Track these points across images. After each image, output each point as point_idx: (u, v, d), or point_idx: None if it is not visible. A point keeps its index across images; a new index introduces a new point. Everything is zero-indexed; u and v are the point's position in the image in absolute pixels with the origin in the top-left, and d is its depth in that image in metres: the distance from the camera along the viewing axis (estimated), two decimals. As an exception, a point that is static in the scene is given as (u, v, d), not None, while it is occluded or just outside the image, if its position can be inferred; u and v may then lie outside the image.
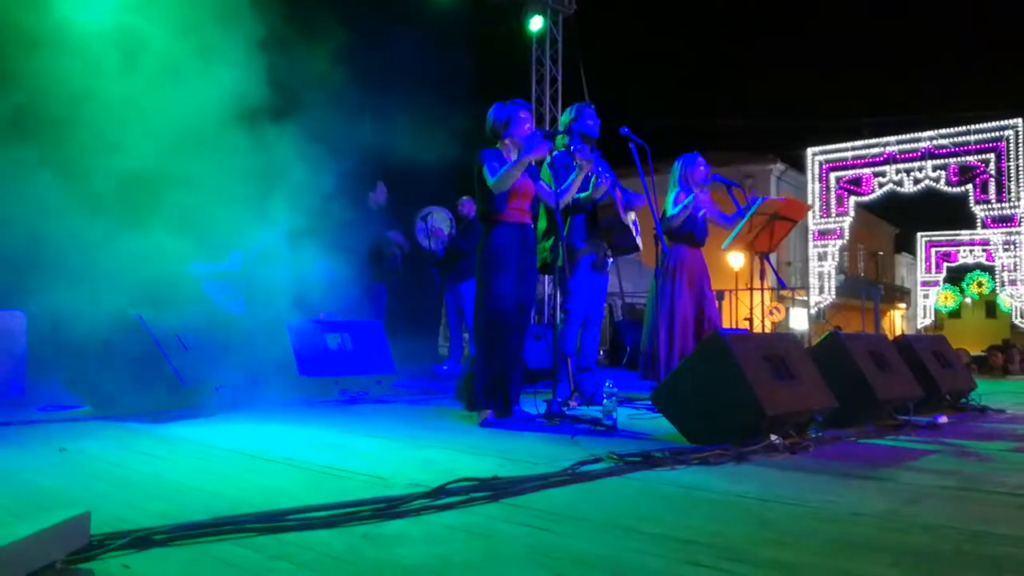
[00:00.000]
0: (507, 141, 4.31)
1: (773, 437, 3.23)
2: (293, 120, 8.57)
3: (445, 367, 7.49)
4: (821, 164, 19.86)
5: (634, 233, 5.02)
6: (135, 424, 3.95)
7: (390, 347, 5.98)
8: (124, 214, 7.49)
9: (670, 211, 5.25)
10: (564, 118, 5.12)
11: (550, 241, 4.83)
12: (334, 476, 2.64)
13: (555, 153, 4.66)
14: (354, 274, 7.38)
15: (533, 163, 4.20)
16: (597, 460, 2.83)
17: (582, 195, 4.85)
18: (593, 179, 4.81)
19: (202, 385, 4.64)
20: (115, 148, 5.57)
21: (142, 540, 1.78)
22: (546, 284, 10.36)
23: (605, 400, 3.97)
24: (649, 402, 4.11)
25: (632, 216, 5.08)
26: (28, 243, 6.86)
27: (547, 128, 11.41)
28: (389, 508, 2.11)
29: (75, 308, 6.04)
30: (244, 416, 4.36)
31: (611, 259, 5.25)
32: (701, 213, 5.31)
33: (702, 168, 5.35)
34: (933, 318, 22.03)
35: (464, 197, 7.33)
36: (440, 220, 7.51)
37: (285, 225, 6.44)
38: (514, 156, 4.28)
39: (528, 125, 4.34)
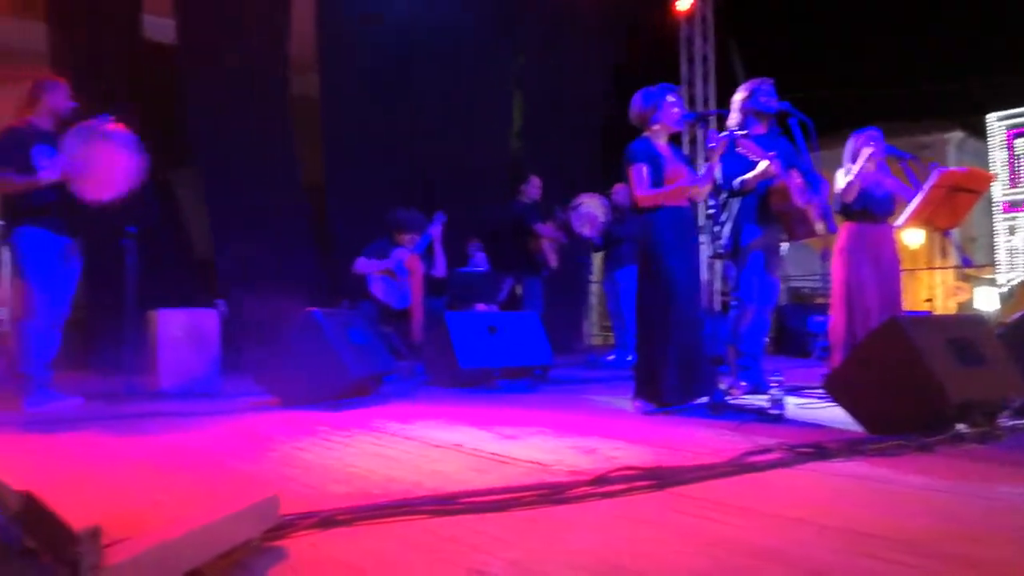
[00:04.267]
0: (656, 127, 4.23)
1: (959, 426, 3.00)
2: (445, 118, 8.86)
3: (612, 356, 7.48)
4: (1005, 129, 18.08)
5: (814, 217, 4.64)
6: (316, 412, 4.23)
7: (547, 337, 6.06)
8: (300, 221, 8.06)
9: (838, 190, 4.97)
10: (736, 97, 4.88)
11: (720, 226, 4.63)
12: (499, 462, 2.72)
13: (720, 135, 4.50)
14: (509, 267, 7.54)
15: (682, 152, 4.09)
16: (765, 450, 2.75)
17: (743, 179, 4.63)
18: (764, 164, 4.46)
19: (372, 375, 4.90)
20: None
21: (327, 520, 1.91)
22: (706, 269, 10.10)
23: (772, 389, 3.83)
24: (820, 391, 3.93)
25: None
26: (218, 250, 7.53)
27: (700, 109, 11.09)
28: (554, 494, 2.14)
29: (260, 307, 6.56)
30: (412, 403, 4.57)
31: (786, 244, 4.97)
32: (870, 186, 4.98)
33: (874, 143, 5.01)
34: None
35: (618, 184, 7.28)
36: (593, 207, 7.49)
37: (442, 222, 6.69)
38: (662, 140, 4.21)
39: (676, 109, 4.24)
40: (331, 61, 8.31)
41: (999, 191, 18.08)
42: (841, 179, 5.02)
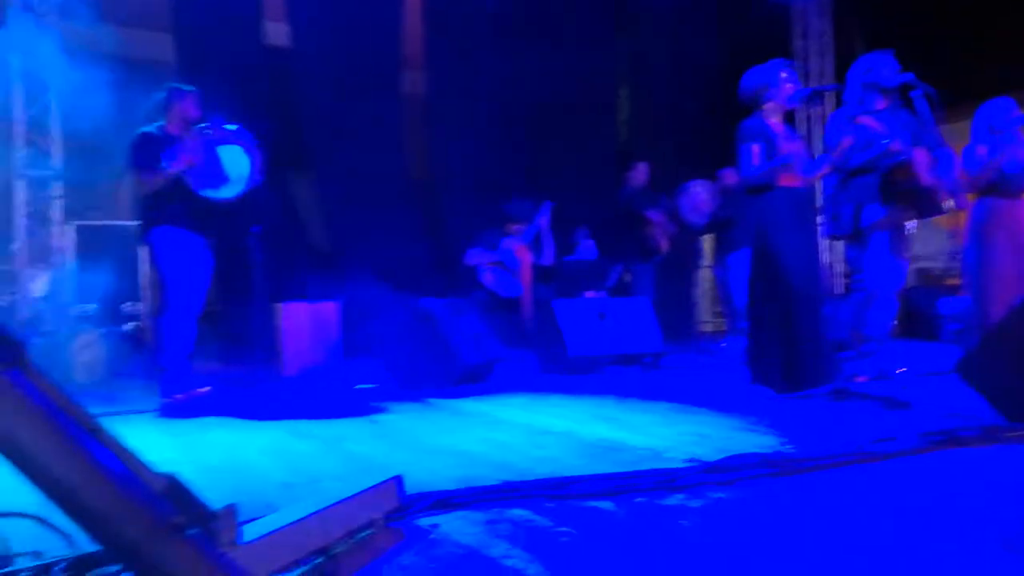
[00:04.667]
0: (769, 105, 4.09)
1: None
2: (551, 107, 8.86)
3: (724, 343, 7.32)
4: None
5: (943, 194, 4.37)
6: (432, 399, 4.35)
7: (658, 324, 5.98)
8: (412, 214, 8.30)
9: (967, 165, 4.67)
10: (853, 72, 4.63)
11: (840, 206, 4.44)
12: (612, 449, 2.71)
13: (836, 111, 4.31)
14: (618, 254, 7.48)
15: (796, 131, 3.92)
16: (892, 438, 2.63)
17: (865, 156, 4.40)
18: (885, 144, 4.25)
19: (484, 363, 4.98)
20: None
21: (444, 502, 1.97)
22: (826, 251, 9.70)
23: (899, 374, 3.65)
24: (952, 375, 3.72)
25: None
26: (337, 244, 7.86)
27: (815, 85, 10.64)
28: (668, 481, 2.13)
29: (377, 298, 6.78)
30: (524, 391, 4.62)
31: (913, 223, 4.70)
32: (1002, 159, 4.65)
33: (1010, 114, 4.67)
34: None
35: (727, 167, 7.09)
36: (702, 192, 7.33)
37: (548, 211, 6.72)
38: (776, 119, 4.07)
39: (790, 86, 4.09)
40: (438, 56, 8.46)
41: None
42: (971, 154, 4.71)
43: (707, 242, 8.65)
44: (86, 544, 1.56)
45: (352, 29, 7.67)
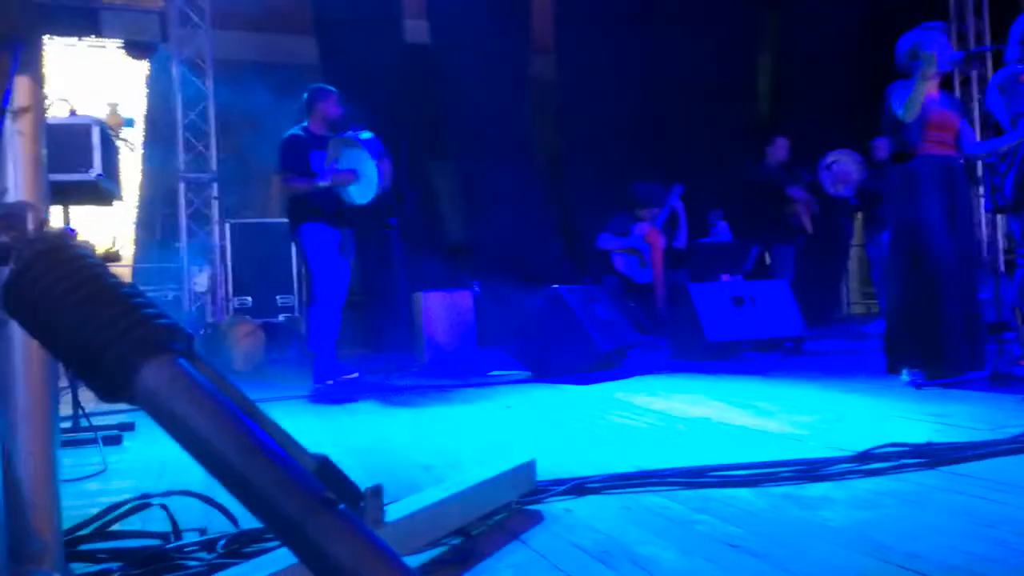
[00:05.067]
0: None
1: None
2: (683, 86, 8.66)
3: (871, 327, 6.95)
4: None
5: None
6: (565, 385, 4.39)
7: (799, 307, 5.75)
8: (543, 201, 8.37)
9: None
10: (1015, 30, 4.25)
11: (1001, 176, 4.12)
12: (750, 437, 2.65)
13: (1000, 72, 3.99)
14: (757, 234, 7.22)
15: (956, 97, 3.64)
16: (1061, 427, 2.42)
17: None
18: None
19: (619, 348, 4.97)
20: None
21: (579, 487, 1.99)
22: (985, 225, 9.00)
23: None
24: None
25: None
26: (472, 234, 8.06)
27: (971, 47, 9.84)
28: (811, 470, 2.06)
29: (509, 286, 6.90)
30: (657, 377, 4.57)
31: None
32: None
33: None
34: None
35: (877, 139, 6.67)
36: (848, 164, 6.93)
37: (680, 193, 6.59)
38: (932, 87, 3.81)
39: (940, 43, 3.81)
40: (567, 40, 8.46)
41: None
42: None
43: (858, 219, 8.22)
44: (247, 521, 1.70)
45: (485, 14, 7.77)
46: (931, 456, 2.12)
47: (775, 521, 1.69)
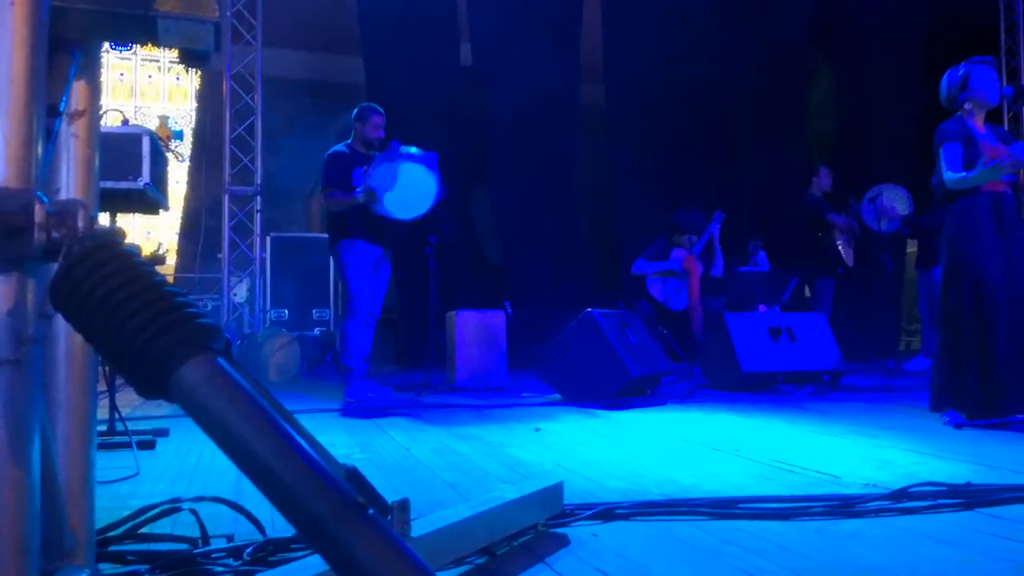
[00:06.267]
0: (968, 105, 3.78)
1: None
2: (738, 111, 8.64)
3: (912, 363, 6.81)
4: None
5: None
6: (596, 409, 4.36)
7: (837, 342, 5.65)
8: (581, 225, 8.39)
9: None
10: None
11: None
12: (783, 470, 2.61)
13: None
14: (798, 265, 7.13)
15: (1003, 129, 3.59)
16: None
17: None
18: None
19: (651, 375, 4.92)
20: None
21: (606, 513, 1.97)
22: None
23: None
24: None
25: None
26: (507, 256, 8.09)
27: (1022, 82, 9.67)
28: (844, 506, 2.01)
29: (543, 308, 6.89)
30: (691, 406, 4.52)
31: None
32: None
33: None
34: None
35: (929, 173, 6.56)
36: (893, 199, 6.82)
37: (720, 220, 6.55)
38: (978, 120, 3.76)
39: (990, 77, 3.76)
40: (616, 68, 8.50)
41: None
42: None
43: (911, 254, 8.08)
44: (274, 530, 1.71)
45: (533, 42, 7.84)
46: (969, 497, 2.07)
47: (806, 556, 1.65)
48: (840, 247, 7.01)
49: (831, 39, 9.43)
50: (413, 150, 4.57)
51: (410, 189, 4.54)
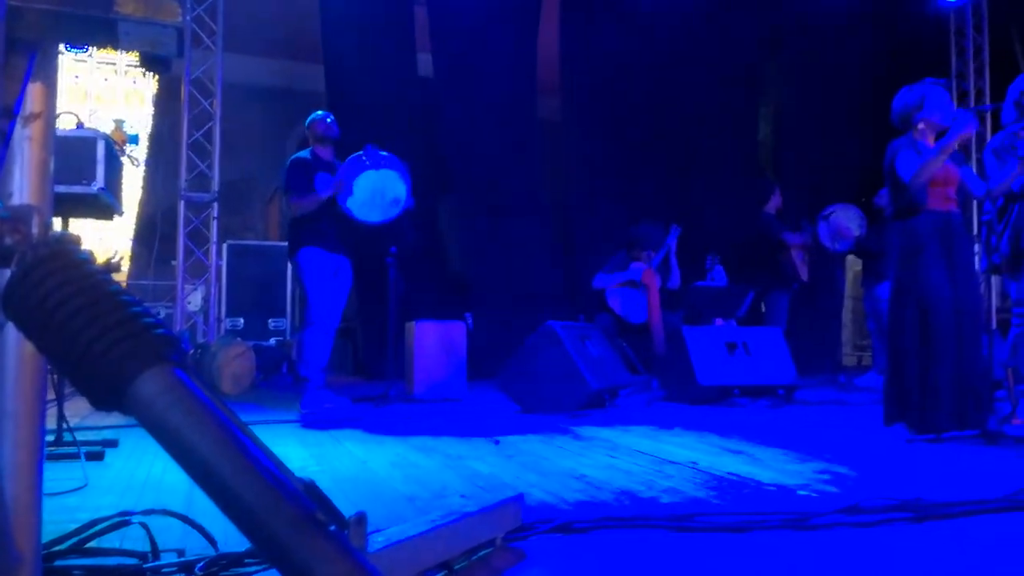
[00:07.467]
0: (921, 126, 3.88)
1: None
2: (693, 126, 8.76)
3: (863, 379, 6.95)
4: None
5: None
6: (555, 422, 4.37)
7: (791, 355, 5.75)
8: (543, 238, 8.41)
9: None
10: (1011, 91, 4.31)
11: (997, 235, 4.16)
12: (739, 483, 2.63)
13: (996, 137, 4.05)
14: (753, 280, 7.25)
15: (956, 148, 3.68)
16: (1051, 487, 2.41)
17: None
18: None
19: (610, 388, 4.95)
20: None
21: (565, 526, 1.97)
22: (983, 284, 9.04)
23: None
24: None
25: None
26: (468, 267, 8.08)
27: (972, 105, 9.99)
28: (799, 520, 2.04)
29: (503, 320, 6.88)
30: (648, 418, 4.55)
31: None
32: None
33: None
34: None
35: (880, 192, 6.72)
36: (846, 219, 6.98)
37: (677, 234, 6.64)
38: (929, 140, 3.85)
39: (943, 100, 3.86)
40: (572, 82, 8.58)
41: None
42: None
43: (855, 272, 8.26)
44: (226, 545, 1.67)
45: (491, 55, 7.89)
46: (920, 511, 2.11)
47: (762, 570, 1.67)
48: (797, 263, 7.14)
49: (784, 57, 9.64)
50: (384, 154, 4.58)
51: (379, 193, 4.53)
